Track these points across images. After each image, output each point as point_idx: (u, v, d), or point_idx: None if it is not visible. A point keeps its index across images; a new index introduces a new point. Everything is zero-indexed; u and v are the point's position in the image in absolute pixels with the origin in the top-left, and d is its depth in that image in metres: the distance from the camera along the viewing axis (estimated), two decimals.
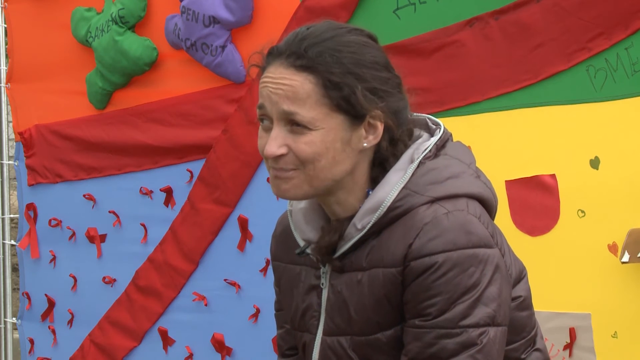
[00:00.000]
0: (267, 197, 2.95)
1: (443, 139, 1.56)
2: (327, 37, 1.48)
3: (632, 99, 2.30)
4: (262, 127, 1.51)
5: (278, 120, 1.48)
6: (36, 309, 3.83)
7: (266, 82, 1.49)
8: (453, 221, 1.45)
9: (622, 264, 2.28)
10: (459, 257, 1.44)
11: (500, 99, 2.49)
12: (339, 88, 1.46)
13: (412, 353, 1.46)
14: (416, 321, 1.45)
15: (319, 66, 1.46)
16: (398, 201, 1.48)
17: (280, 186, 1.50)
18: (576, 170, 2.37)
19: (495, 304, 1.45)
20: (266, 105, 1.49)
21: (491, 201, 1.56)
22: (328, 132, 1.47)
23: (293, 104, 1.46)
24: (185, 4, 3.04)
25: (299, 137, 1.47)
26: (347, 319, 1.53)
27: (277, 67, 1.48)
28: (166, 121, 3.28)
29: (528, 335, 1.61)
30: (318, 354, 1.58)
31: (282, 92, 1.46)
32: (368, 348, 1.52)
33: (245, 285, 3.11)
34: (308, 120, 1.46)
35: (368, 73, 1.48)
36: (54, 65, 3.68)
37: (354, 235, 1.51)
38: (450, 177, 1.51)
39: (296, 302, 1.63)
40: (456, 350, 1.43)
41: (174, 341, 3.34)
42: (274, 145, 1.47)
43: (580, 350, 2.38)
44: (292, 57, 1.47)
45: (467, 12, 2.51)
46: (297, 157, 1.47)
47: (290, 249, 1.64)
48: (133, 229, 3.41)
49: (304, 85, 1.46)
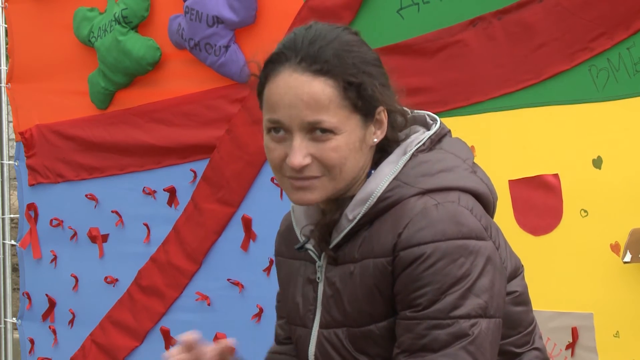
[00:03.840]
0: (271, 197, 2.97)
1: (439, 133, 1.56)
2: (332, 38, 1.46)
3: (634, 99, 2.30)
4: (274, 138, 1.48)
5: (299, 130, 1.44)
6: (37, 309, 3.83)
7: (281, 92, 1.44)
8: (443, 212, 1.45)
9: (624, 263, 2.28)
10: (447, 247, 1.43)
11: (502, 99, 2.49)
12: (357, 88, 1.45)
13: (404, 345, 1.45)
14: (407, 312, 1.45)
15: (336, 68, 1.43)
16: (388, 192, 1.48)
17: (304, 197, 1.48)
18: (579, 169, 2.38)
19: (487, 295, 1.44)
20: (283, 117, 1.44)
21: (487, 196, 1.55)
22: (350, 134, 1.46)
23: (318, 112, 1.43)
24: (189, 4, 3.05)
25: (324, 144, 1.44)
26: (342, 311, 1.53)
27: (291, 74, 1.44)
28: (169, 121, 3.28)
29: (524, 330, 1.60)
30: (315, 347, 1.58)
31: (303, 101, 1.43)
32: (362, 339, 1.51)
33: (248, 285, 3.12)
34: (334, 126, 1.44)
35: (374, 70, 1.48)
36: (54, 65, 3.68)
37: (346, 226, 1.51)
38: (443, 171, 1.50)
39: (293, 296, 1.63)
40: (448, 342, 1.42)
41: (176, 341, 3.33)
42: (299, 156, 1.44)
43: (583, 350, 2.39)
44: (306, 62, 1.44)
45: (470, 12, 2.51)
46: (322, 164, 1.46)
47: (292, 244, 1.64)
48: (136, 229, 3.42)
49: (324, 90, 1.43)
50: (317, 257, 1.58)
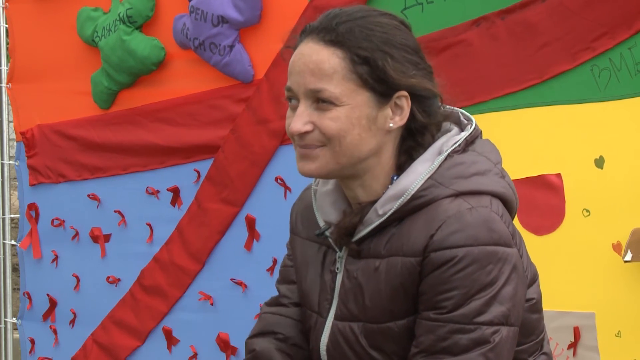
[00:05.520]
0: (275, 197, 2.97)
1: (473, 135, 1.56)
2: (358, 16, 1.48)
3: (636, 99, 2.31)
4: (290, 107, 1.51)
5: (304, 97, 1.47)
6: (37, 309, 3.83)
7: (294, 59, 1.49)
8: (476, 217, 1.45)
9: (625, 262, 2.29)
10: (479, 253, 1.43)
11: (506, 99, 2.50)
12: (367, 63, 1.46)
13: (423, 345, 1.46)
14: (430, 314, 1.45)
15: (348, 41, 1.46)
16: (422, 191, 1.48)
17: (305, 166, 1.50)
18: (581, 169, 2.38)
19: (510, 303, 1.45)
20: (292, 83, 1.49)
21: (513, 202, 1.55)
22: (354, 108, 1.46)
23: (320, 80, 1.46)
24: (194, 4, 3.04)
25: (324, 113, 1.46)
26: (361, 306, 1.52)
27: (307, 43, 1.48)
28: (173, 121, 3.27)
29: (537, 338, 1.61)
30: (328, 338, 1.58)
31: (309, 68, 1.46)
32: (379, 336, 1.51)
33: (251, 284, 3.11)
34: (335, 96, 1.45)
35: (397, 53, 1.48)
36: (55, 65, 3.67)
37: (374, 221, 1.50)
38: (476, 174, 1.50)
39: (310, 280, 1.63)
40: (468, 347, 1.43)
41: (178, 341, 3.33)
42: (299, 122, 1.47)
43: (585, 350, 2.39)
44: (322, 33, 1.47)
45: (474, 12, 2.52)
46: (322, 134, 1.47)
47: (310, 225, 1.64)
48: (138, 229, 3.41)
49: (330, 59, 1.46)
50: (338, 248, 1.57)
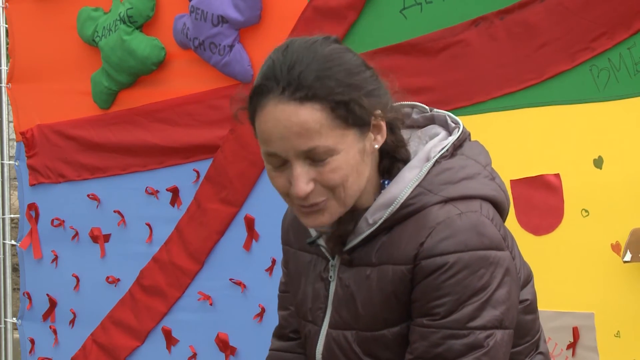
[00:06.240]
0: (274, 197, 2.92)
1: (461, 138, 1.55)
2: (310, 59, 1.40)
3: (635, 99, 2.31)
4: (275, 167, 1.45)
5: (296, 158, 1.41)
6: (37, 309, 3.83)
7: (269, 127, 1.40)
8: (466, 222, 1.44)
9: (624, 263, 2.29)
10: (470, 259, 1.43)
11: (504, 99, 2.50)
12: (345, 105, 1.41)
13: (417, 352, 1.46)
14: (424, 320, 1.45)
15: (320, 92, 1.39)
16: (411, 199, 1.47)
17: (316, 220, 1.47)
18: (580, 169, 2.38)
19: (503, 307, 1.45)
20: (278, 149, 1.41)
21: (504, 204, 1.55)
22: (347, 151, 1.43)
23: (310, 140, 1.39)
24: (194, 4, 3.05)
25: (323, 167, 1.42)
26: (354, 314, 1.53)
27: (276, 105, 1.39)
28: (173, 121, 3.27)
29: (532, 339, 1.61)
30: (322, 346, 1.58)
31: (293, 132, 1.39)
32: (373, 343, 1.51)
33: (250, 284, 3.11)
34: (330, 148, 1.41)
35: (359, 79, 1.44)
36: (55, 65, 3.68)
37: (365, 230, 1.50)
38: (465, 178, 1.50)
39: (303, 290, 1.63)
40: (462, 352, 1.42)
41: (178, 341, 3.34)
42: (302, 184, 1.42)
43: (584, 350, 2.39)
44: (289, 90, 1.38)
45: (472, 12, 2.52)
46: (325, 187, 1.43)
47: (301, 235, 1.64)
48: (138, 229, 3.41)
49: (312, 116, 1.38)
50: (330, 256, 1.57)
